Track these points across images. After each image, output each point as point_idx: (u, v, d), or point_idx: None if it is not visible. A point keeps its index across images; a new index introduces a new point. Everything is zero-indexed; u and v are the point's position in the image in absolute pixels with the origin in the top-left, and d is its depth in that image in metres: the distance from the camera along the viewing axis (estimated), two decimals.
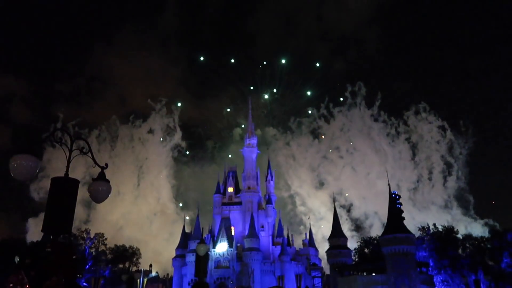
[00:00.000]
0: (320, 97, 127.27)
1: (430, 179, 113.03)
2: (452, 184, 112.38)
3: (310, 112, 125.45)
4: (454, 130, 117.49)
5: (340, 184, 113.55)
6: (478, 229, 68.99)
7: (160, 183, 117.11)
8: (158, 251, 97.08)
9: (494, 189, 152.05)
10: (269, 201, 78.90)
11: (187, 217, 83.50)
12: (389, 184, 56.17)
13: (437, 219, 63.02)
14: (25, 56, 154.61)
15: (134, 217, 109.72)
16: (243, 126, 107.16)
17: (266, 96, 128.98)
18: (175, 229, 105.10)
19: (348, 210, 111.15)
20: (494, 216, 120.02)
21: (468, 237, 58.86)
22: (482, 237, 57.71)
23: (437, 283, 54.66)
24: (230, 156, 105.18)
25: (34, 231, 79.24)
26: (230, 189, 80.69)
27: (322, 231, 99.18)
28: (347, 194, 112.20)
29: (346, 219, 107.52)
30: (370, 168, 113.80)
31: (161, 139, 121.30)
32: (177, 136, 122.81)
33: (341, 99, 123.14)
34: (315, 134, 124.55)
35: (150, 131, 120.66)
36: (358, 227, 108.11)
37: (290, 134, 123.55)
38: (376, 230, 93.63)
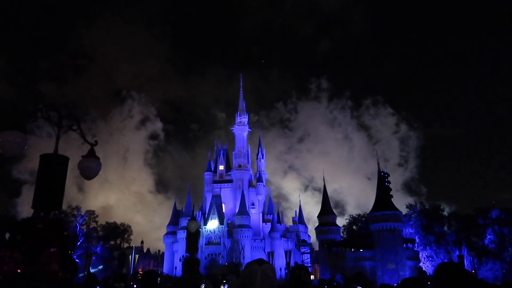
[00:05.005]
0: (288, 91, 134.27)
1: (386, 167, 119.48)
2: (405, 174, 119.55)
3: (277, 105, 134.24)
4: (408, 124, 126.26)
5: (310, 170, 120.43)
6: None
7: (140, 174, 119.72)
8: (147, 232, 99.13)
9: (444, 178, 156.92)
10: (259, 179, 79.31)
11: (172, 199, 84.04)
12: (378, 163, 56.88)
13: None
14: (5, 31, 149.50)
15: (120, 204, 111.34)
16: (230, 106, 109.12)
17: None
18: (157, 215, 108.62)
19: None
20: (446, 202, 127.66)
21: (454, 214, 60.27)
22: (467, 214, 59.12)
23: (422, 259, 56.20)
24: (217, 137, 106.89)
25: (23, 208, 78.83)
26: (221, 167, 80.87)
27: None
28: (318, 178, 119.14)
29: None
30: (338, 155, 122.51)
31: (142, 128, 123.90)
32: (158, 125, 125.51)
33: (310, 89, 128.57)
34: (284, 125, 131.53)
35: (130, 117, 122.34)
36: (336, 205, 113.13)
37: (257, 127, 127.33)
38: (351, 207, 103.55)
